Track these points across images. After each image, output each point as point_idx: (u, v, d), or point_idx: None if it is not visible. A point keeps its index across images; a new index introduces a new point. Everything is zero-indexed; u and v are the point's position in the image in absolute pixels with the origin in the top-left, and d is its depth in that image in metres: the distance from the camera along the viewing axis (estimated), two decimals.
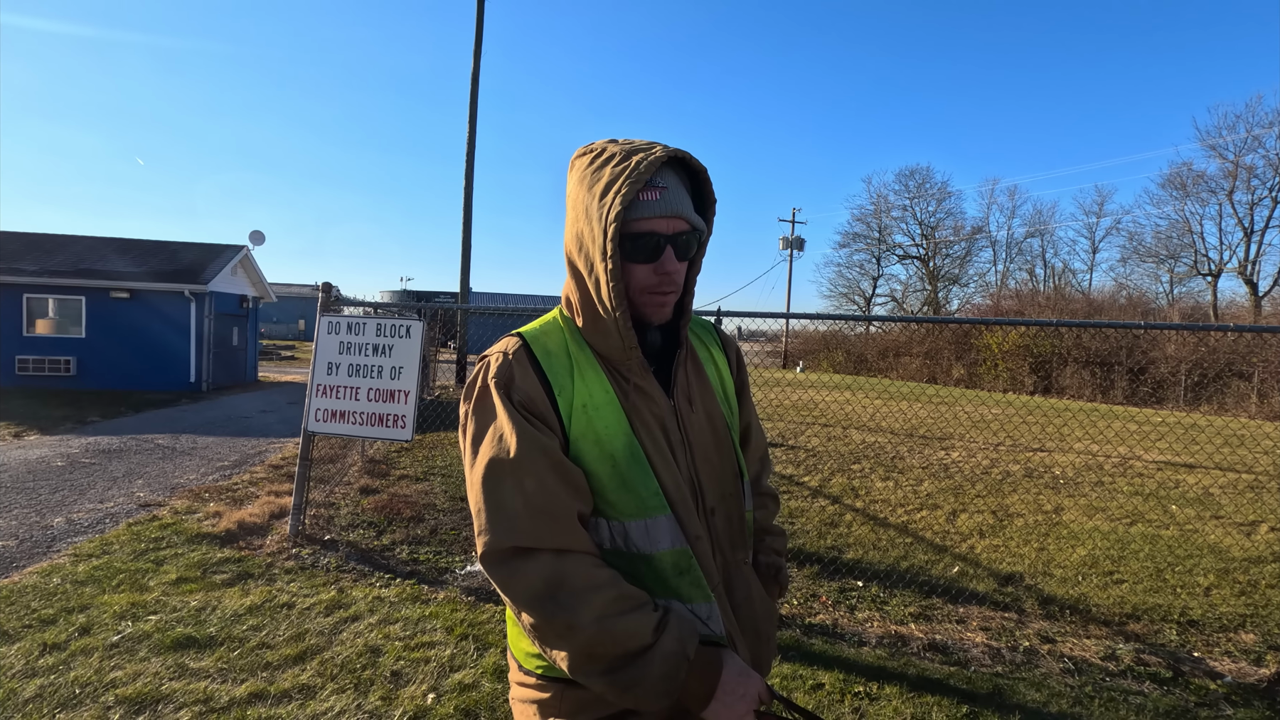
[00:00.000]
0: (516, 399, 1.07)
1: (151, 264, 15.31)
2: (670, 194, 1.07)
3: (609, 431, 1.08)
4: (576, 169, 1.13)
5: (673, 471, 1.11)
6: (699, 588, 1.09)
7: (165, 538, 4.76)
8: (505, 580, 1.02)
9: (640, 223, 1.06)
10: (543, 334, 1.16)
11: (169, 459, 7.63)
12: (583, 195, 1.10)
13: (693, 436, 1.16)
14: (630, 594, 1.02)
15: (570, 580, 1.00)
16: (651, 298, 1.11)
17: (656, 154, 1.06)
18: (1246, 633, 3.80)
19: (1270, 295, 30.36)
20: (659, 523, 1.08)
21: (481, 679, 2.99)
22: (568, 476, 1.05)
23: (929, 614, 3.94)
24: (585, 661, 0.98)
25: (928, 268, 45.02)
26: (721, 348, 1.35)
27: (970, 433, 11.60)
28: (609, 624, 0.97)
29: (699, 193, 1.16)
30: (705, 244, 1.18)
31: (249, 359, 17.58)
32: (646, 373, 1.14)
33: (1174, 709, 2.97)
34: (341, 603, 3.78)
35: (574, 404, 1.09)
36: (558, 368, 1.11)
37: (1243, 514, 6.57)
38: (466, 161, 17.05)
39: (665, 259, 1.08)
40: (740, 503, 1.24)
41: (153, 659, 3.07)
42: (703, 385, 1.24)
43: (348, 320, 4.89)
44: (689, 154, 1.10)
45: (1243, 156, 31.38)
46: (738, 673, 1.02)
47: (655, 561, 1.08)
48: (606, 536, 1.09)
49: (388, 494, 6.17)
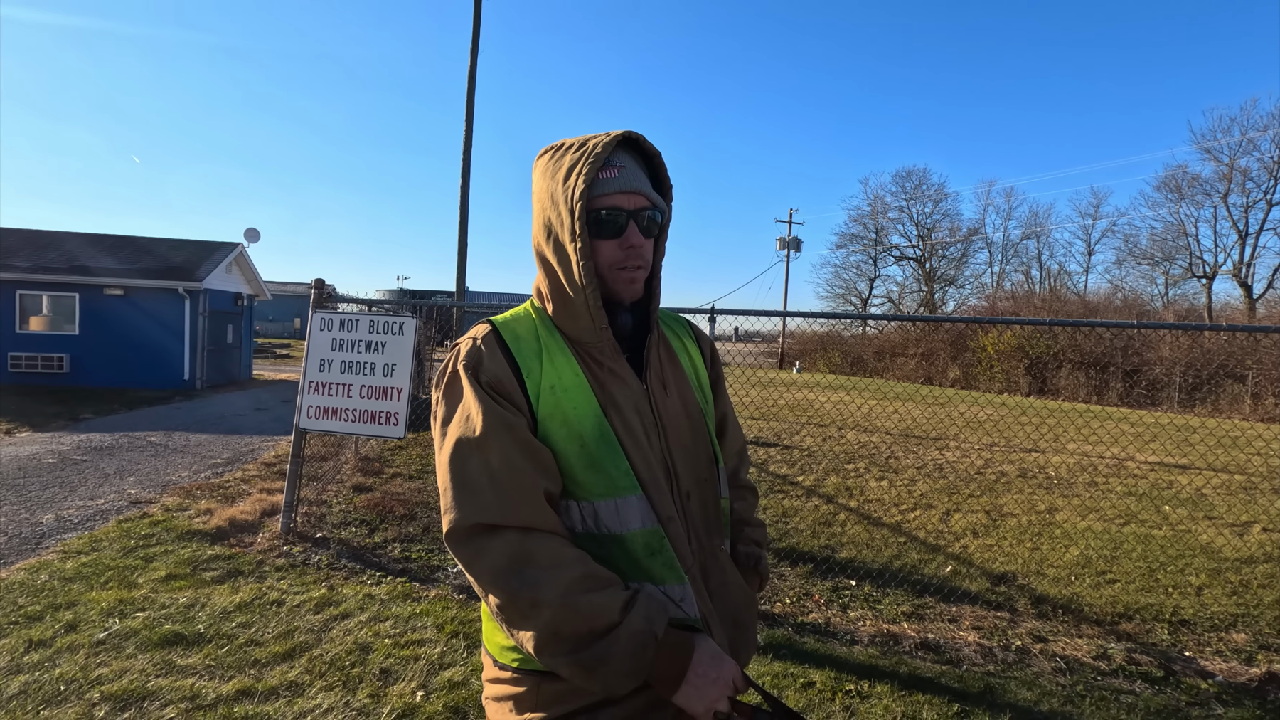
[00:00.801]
0: (484, 380, 1.09)
1: (146, 261, 15.24)
2: (628, 172, 1.12)
3: (578, 412, 1.09)
4: (539, 166, 1.18)
5: (644, 452, 1.12)
6: (672, 569, 1.09)
7: (155, 535, 4.73)
8: (470, 558, 1.01)
9: (603, 199, 1.10)
10: (513, 321, 1.19)
11: (161, 456, 7.59)
12: (547, 185, 1.14)
13: (666, 420, 1.17)
14: (597, 573, 1.01)
15: (536, 557, 0.99)
16: (621, 273, 1.13)
17: (612, 135, 1.12)
18: (1238, 632, 3.80)
19: (1265, 297, 30.49)
20: (629, 502, 1.08)
21: (471, 676, 2.97)
22: (535, 455, 1.05)
23: (921, 613, 3.93)
24: (550, 640, 0.96)
25: (924, 269, 45.10)
26: (695, 340, 1.37)
27: (965, 433, 11.62)
28: (574, 600, 0.96)
29: (655, 178, 1.20)
30: (667, 225, 1.21)
31: (243, 357, 17.51)
32: (618, 355, 1.16)
33: (1165, 708, 2.97)
34: (332, 600, 3.76)
35: (542, 385, 1.10)
36: (526, 351, 1.13)
37: (1235, 515, 6.59)
38: (463, 160, 17.01)
39: (630, 233, 1.11)
40: (715, 488, 1.24)
41: (139, 656, 3.04)
42: (676, 371, 1.25)
43: (341, 317, 4.86)
44: (643, 136, 1.15)
45: (1237, 159, 31.54)
46: (710, 656, 1.00)
47: (626, 542, 1.07)
48: (577, 519, 1.09)
49: (381, 492, 6.14)
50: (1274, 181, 30.32)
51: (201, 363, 15.05)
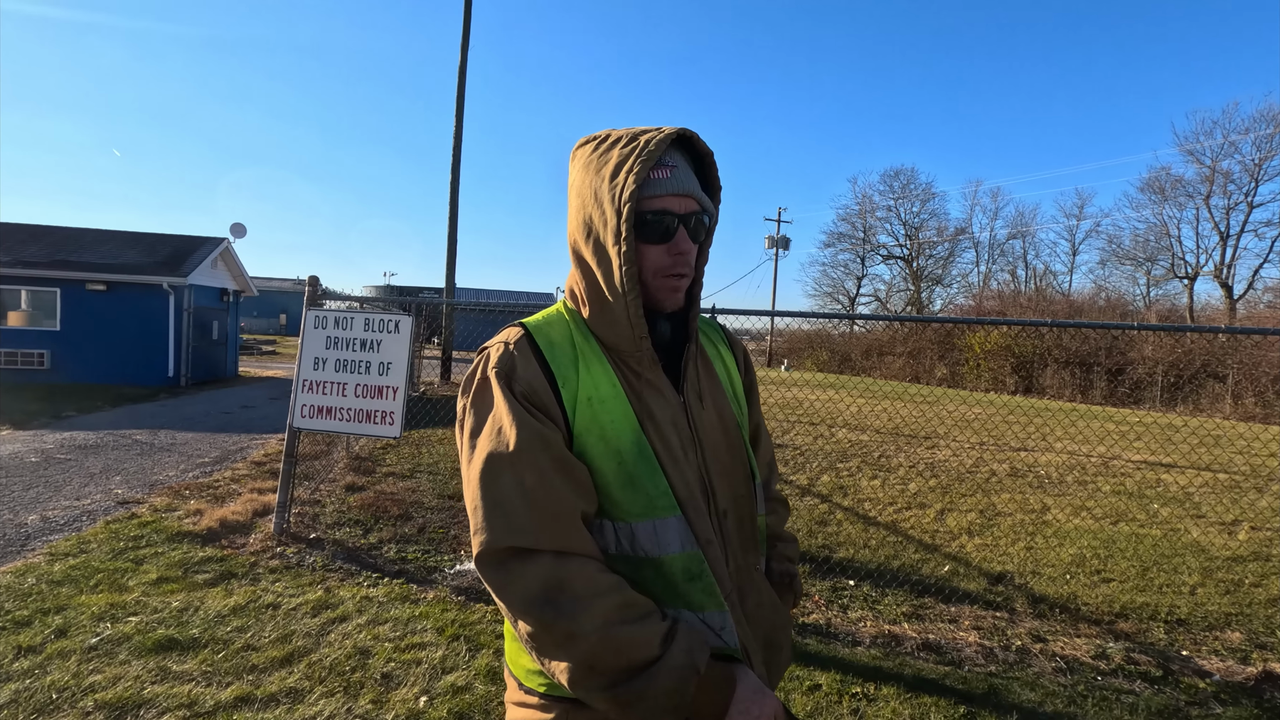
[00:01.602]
0: (518, 390, 1.01)
1: (129, 255, 14.98)
2: (680, 172, 1.05)
3: (615, 427, 1.03)
4: (579, 157, 1.10)
5: (682, 470, 1.06)
6: (711, 595, 1.03)
7: (145, 536, 4.64)
8: (501, 584, 0.94)
9: (653, 200, 1.03)
10: (546, 324, 1.11)
11: (148, 455, 7.46)
12: (590, 180, 1.06)
13: (703, 435, 1.11)
14: (636, 601, 0.95)
15: (571, 585, 0.92)
16: (666, 280, 1.07)
17: (666, 132, 1.04)
18: (1232, 631, 3.84)
19: (1245, 298, 30.99)
20: (668, 524, 1.02)
21: (475, 681, 2.93)
22: (571, 472, 0.98)
23: (921, 613, 3.94)
24: (586, 674, 0.91)
25: (911, 268, 45.39)
26: (729, 346, 1.31)
27: (955, 432, 11.70)
28: (613, 633, 0.90)
29: (704, 177, 1.13)
30: (713, 230, 1.14)
31: (229, 354, 17.28)
32: (656, 366, 1.09)
33: (1166, 708, 2.99)
34: (329, 603, 3.70)
35: (579, 396, 1.03)
36: (561, 358, 1.06)
37: (1222, 513, 6.67)
38: (453, 156, 16.89)
39: (679, 238, 1.05)
40: (752, 505, 1.18)
41: (133, 662, 2.98)
42: (713, 382, 1.19)
43: (335, 315, 4.79)
44: (696, 134, 1.08)
45: (1219, 162, 32.02)
46: (752, 691, 0.95)
47: (664, 566, 1.02)
48: (611, 540, 1.03)
49: (374, 491, 6.07)
50: (1255, 184, 30.85)
51: (187, 359, 14.83)
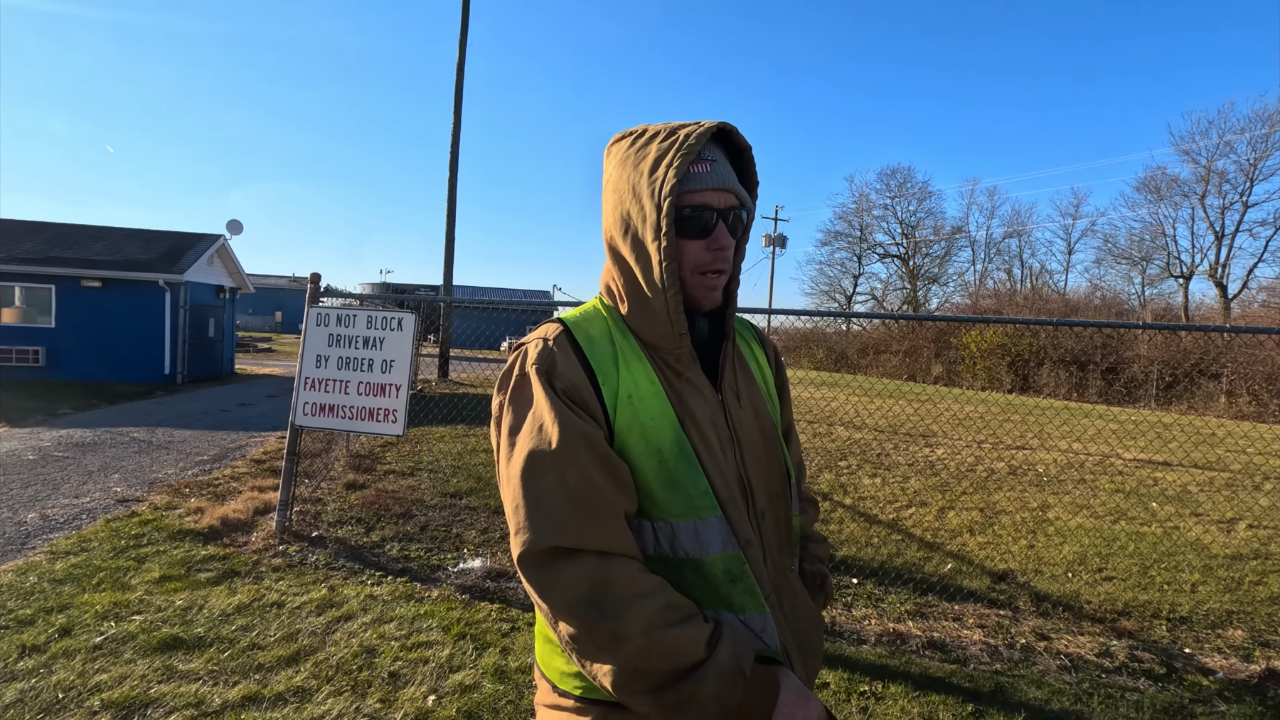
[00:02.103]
0: (559, 386, 1.00)
1: (125, 252, 14.90)
2: (720, 167, 1.04)
3: (656, 425, 1.02)
4: (615, 153, 1.10)
5: (722, 470, 1.05)
6: (753, 596, 1.02)
7: (146, 534, 4.62)
8: (545, 584, 0.93)
9: (693, 195, 1.02)
10: (584, 320, 1.10)
11: (146, 453, 7.42)
12: (628, 174, 1.06)
13: (741, 433, 1.10)
14: (679, 603, 0.95)
15: (615, 585, 0.91)
16: (704, 278, 1.06)
17: (706, 126, 1.03)
18: (1234, 629, 3.86)
19: (1239, 297, 31.14)
20: (709, 524, 1.01)
21: (482, 680, 2.93)
22: (614, 471, 0.97)
23: (925, 611, 3.95)
24: (631, 677, 0.89)
25: (908, 266, 45.48)
26: (760, 345, 1.31)
27: (953, 430, 11.73)
28: (658, 635, 0.89)
29: (742, 172, 1.13)
30: (750, 226, 1.13)
31: (226, 351, 17.21)
32: (694, 364, 1.08)
33: (1170, 705, 3.00)
34: (333, 601, 3.69)
35: (619, 394, 1.03)
36: (601, 355, 1.05)
37: (1220, 511, 6.71)
38: (451, 152, 16.84)
39: (719, 233, 1.04)
40: (788, 505, 1.18)
41: (139, 661, 2.96)
42: (749, 381, 1.19)
43: (337, 312, 4.77)
44: (736, 128, 1.07)
45: (1215, 161, 32.12)
46: (796, 694, 0.93)
47: (705, 567, 1.01)
48: (650, 541, 1.02)
49: (375, 489, 6.06)
50: (1250, 183, 30.96)
51: (183, 357, 14.76)
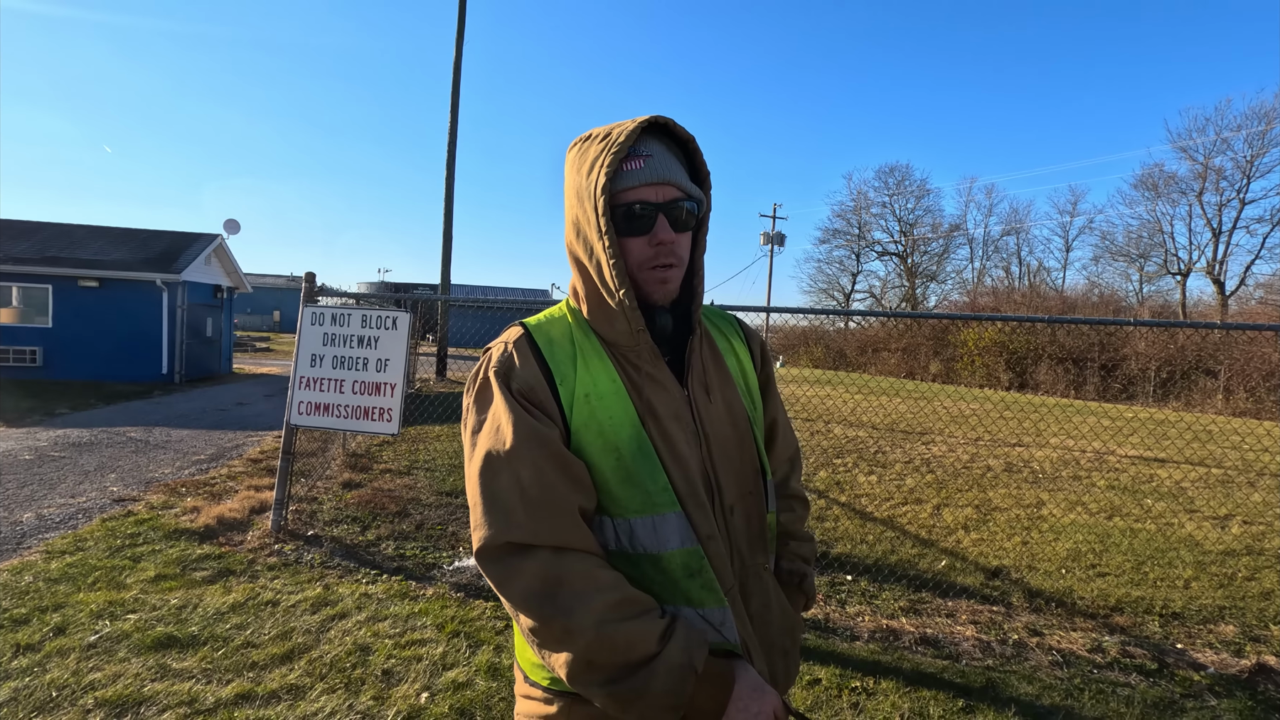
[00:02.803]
0: (515, 388, 1.03)
1: (122, 252, 14.88)
2: (656, 161, 1.03)
3: (614, 422, 1.03)
4: (569, 159, 1.11)
5: (685, 466, 1.05)
6: (711, 591, 1.03)
7: (142, 533, 4.62)
8: (501, 579, 0.96)
9: (627, 193, 1.03)
10: (547, 323, 1.13)
11: (142, 452, 7.43)
12: (574, 179, 1.08)
13: (709, 428, 1.10)
14: (635, 598, 0.96)
15: (569, 580, 0.94)
16: (652, 273, 1.05)
17: (636, 122, 1.03)
18: (1226, 624, 3.88)
19: (1236, 294, 31.19)
20: (667, 520, 1.02)
21: (476, 677, 2.94)
22: (567, 468, 0.99)
23: (919, 608, 3.97)
24: (584, 670, 0.92)
25: (906, 264, 45.53)
26: (744, 340, 1.29)
27: (950, 428, 11.75)
28: (610, 630, 0.91)
29: (693, 165, 1.12)
30: (706, 217, 1.12)
31: (223, 350, 17.20)
32: (658, 359, 1.09)
33: (1161, 700, 3.02)
34: (328, 600, 3.70)
35: (576, 393, 1.04)
36: (560, 355, 1.07)
37: (1215, 508, 6.73)
38: (448, 151, 16.83)
39: (659, 228, 1.03)
40: (761, 502, 1.17)
41: (133, 659, 2.97)
42: (722, 375, 1.18)
43: (332, 311, 4.78)
44: (671, 120, 1.06)
45: (1212, 159, 32.19)
46: (751, 688, 0.95)
47: (663, 562, 1.02)
48: (611, 537, 1.03)
49: (371, 488, 6.07)
50: (1247, 180, 31.04)
51: (180, 356, 14.75)
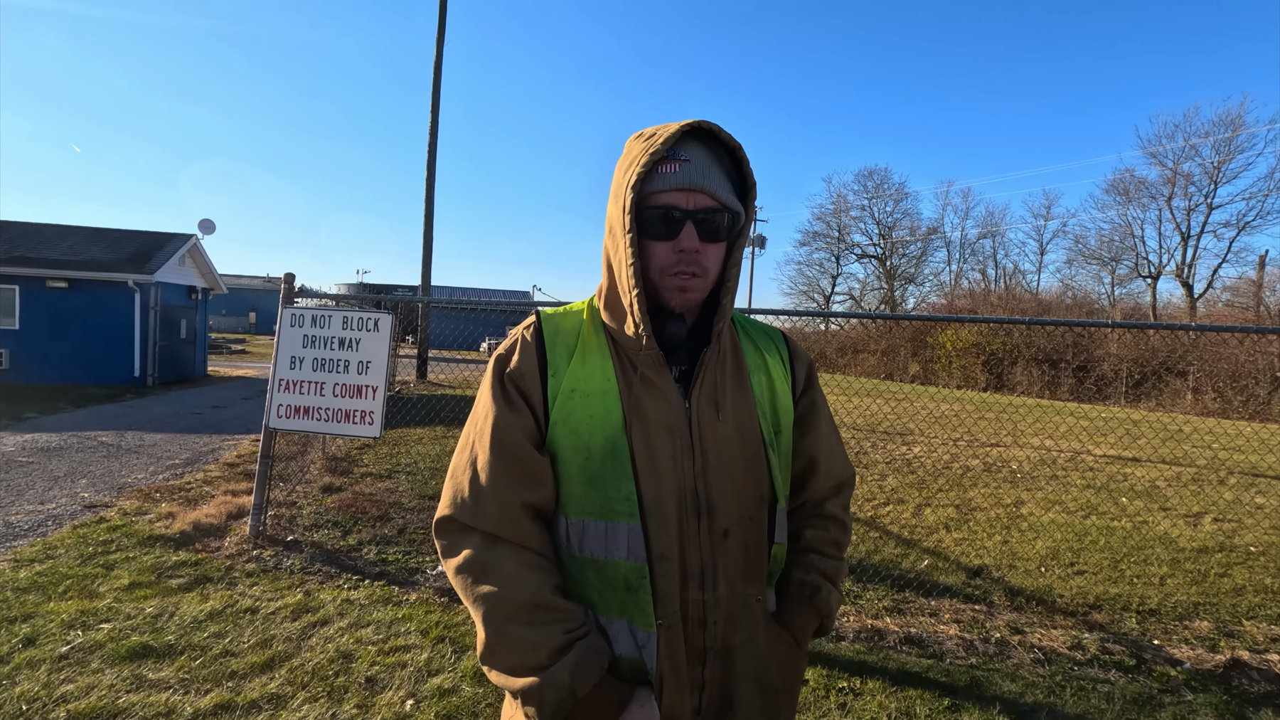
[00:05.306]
0: (507, 374, 1.08)
1: (92, 252, 14.55)
2: (693, 167, 1.00)
3: (593, 422, 1.02)
4: (622, 156, 1.11)
5: (661, 479, 1.01)
6: (643, 612, 0.99)
7: (115, 540, 4.51)
8: (443, 549, 1.05)
9: (656, 196, 1.01)
10: (561, 315, 1.15)
11: (114, 457, 7.25)
12: (616, 177, 1.09)
13: (709, 445, 1.05)
14: (548, 605, 0.97)
15: (492, 572, 0.99)
16: (671, 280, 1.02)
17: (678, 125, 1.01)
18: (1201, 620, 3.96)
19: (1204, 297, 31.95)
20: (619, 529, 0.99)
21: (461, 683, 2.90)
22: (524, 464, 1.02)
23: (902, 607, 4.00)
24: (487, 654, 0.99)
25: (885, 267, 46.00)
26: (787, 360, 1.21)
27: (930, 428, 11.88)
28: (509, 631, 0.96)
29: (740, 174, 1.08)
30: (744, 230, 1.07)
31: (198, 353, 16.88)
32: (661, 367, 1.06)
33: (1140, 696, 3.07)
34: (309, 606, 3.64)
35: (563, 387, 1.05)
36: (560, 347, 1.09)
37: (1187, 506, 6.88)
38: (429, 151, 16.70)
39: (684, 235, 1.00)
40: (763, 530, 1.09)
41: (107, 670, 2.89)
42: (740, 393, 1.11)
43: (312, 313, 4.70)
44: (717, 126, 1.02)
45: (1181, 164, 32.94)
46: None
47: (607, 571, 1.00)
48: (562, 536, 1.04)
49: (351, 492, 5.98)
50: (1214, 186, 31.82)
51: (154, 359, 14.45)
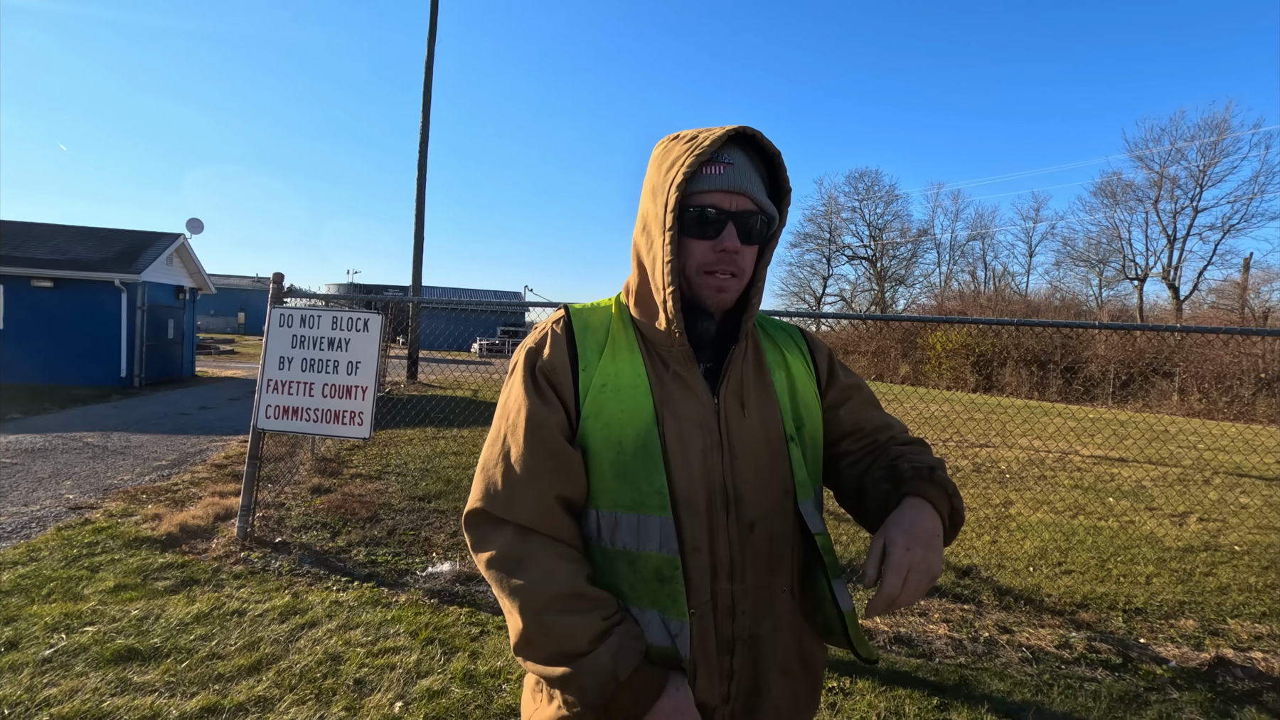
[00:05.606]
0: (538, 367, 1.09)
1: (78, 251, 14.40)
2: (736, 170, 1.04)
3: (624, 417, 1.04)
4: (653, 157, 1.12)
5: (692, 473, 1.04)
6: (676, 602, 1.01)
7: (100, 542, 4.46)
8: (474, 542, 1.05)
9: (701, 195, 1.04)
10: (589, 310, 1.17)
11: (100, 458, 7.18)
12: (653, 176, 1.10)
13: (736, 441, 1.08)
14: (584, 594, 0.99)
15: (527, 563, 1.00)
16: (709, 278, 1.06)
17: (723, 130, 1.05)
18: (1186, 619, 4.00)
19: (1190, 299, 32.28)
20: (651, 522, 1.02)
21: (451, 685, 2.89)
22: (557, 457, 1.03)
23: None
24: (524, 645, 0.99)
25: (875, 268, 46.19)
26: (806, 353, 1.24)
27: (919, 429, 11.94)
28: (548, 619, 0.97)
29: (775, 180, 1.12)
30: (776, 234, 1.12)
31: (186, 353, 16.73)
32: (691, 363, 1.09)
33: (1126, 694, 3.09)
34: (297, 608, 3.61)
35: (594, 382, 1.07)
36: (590, 342, 1.11)
37: (1173, 505, 6.94)
38: (420, 151, 16.65)
39: (726, 236, 1.04)
40: (789, 523, 1.11)
41: (91, 674, 2.86)
42: (762, 389, 1.14)
43: (301, 313, 4.67)
44: (760, 133, 1.06)
45: (1167, 168, 33.26)
46: (673, 708, 0.98)
47: (639, 562, 1.03)
48: (593, 529, 1.05)
49: (341, 493, 5.95)
50: (1199, 189, 32.11)
51: (140, 359, 14.31)
